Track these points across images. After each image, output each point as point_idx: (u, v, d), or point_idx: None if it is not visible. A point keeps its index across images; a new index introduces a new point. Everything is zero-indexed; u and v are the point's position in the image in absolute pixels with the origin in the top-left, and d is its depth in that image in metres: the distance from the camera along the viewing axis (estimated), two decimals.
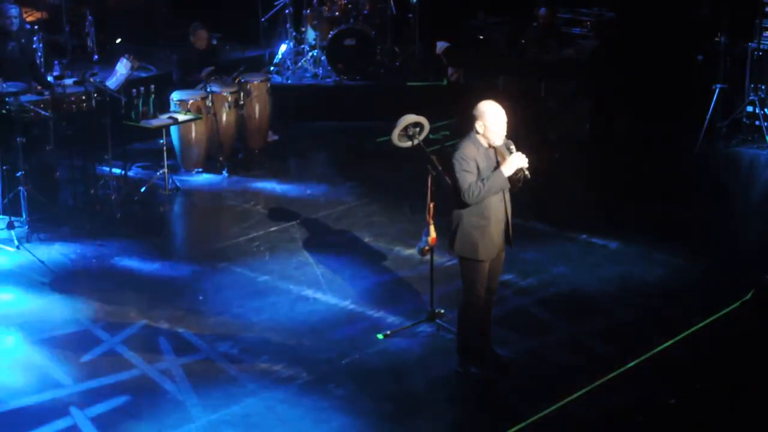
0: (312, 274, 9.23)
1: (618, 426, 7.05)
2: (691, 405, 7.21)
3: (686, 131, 12.75)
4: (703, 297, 8.78)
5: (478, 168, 7.07)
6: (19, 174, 9.83)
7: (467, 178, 7.04)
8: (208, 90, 11.74)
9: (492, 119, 7.07)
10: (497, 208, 7.22)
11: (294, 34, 14.41)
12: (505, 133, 7.13)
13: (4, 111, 9.89)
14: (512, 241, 7.42)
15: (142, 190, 10.98)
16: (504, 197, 7.25)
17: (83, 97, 10.36)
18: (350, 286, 9.00)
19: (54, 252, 9.62)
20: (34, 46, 12.16)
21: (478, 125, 7.10)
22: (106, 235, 10.06)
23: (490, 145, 7.15)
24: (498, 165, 7.12)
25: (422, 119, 8.02)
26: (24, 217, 9.90)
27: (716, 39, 12.99)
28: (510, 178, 7.11)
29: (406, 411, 7.17)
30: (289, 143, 12.88)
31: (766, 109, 12.65)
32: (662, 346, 7.92)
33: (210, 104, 11.66)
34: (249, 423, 6.99)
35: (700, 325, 8.23)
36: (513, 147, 7.14)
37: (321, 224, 10.39)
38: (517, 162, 7.06)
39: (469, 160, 7.05)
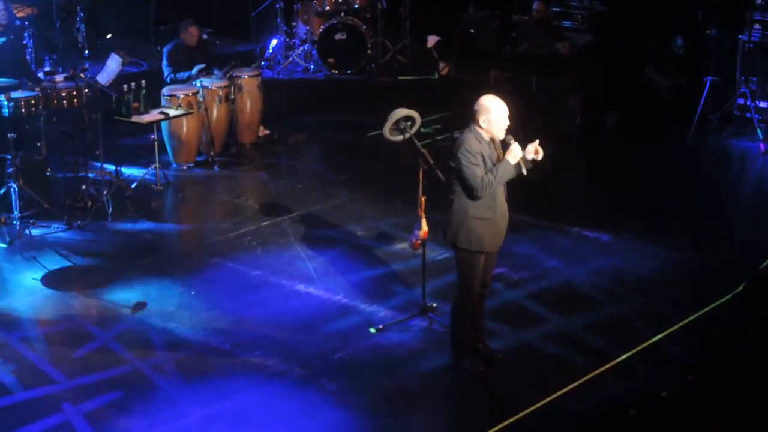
0: (304, 269, 9.22)
1: (610, 419, 7.05)
2: (684, 398, 7.22)
3: (678, 124, 12.77)
4: (696, 289, 8.79)
5: (484, 161, 7.09)
6: (10, 170, 9.81)
7: (477, 171, 7.03)
8: (199, 85, 11.73)
9: (496, 114, 7.08)
10: (502, 200, 7.25)
11: (285, 28, 14.40)
12: (507, 126, 7.16)
13: None
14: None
15: (134, 185, 10.96)
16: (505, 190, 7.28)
17: (74, 93, 10.31)
18: (342, 280, 9.00)
19: (45, 248, 9.60)
20: (24, 41, 12.12)
21: (482, 120, 7.10)
22: (98, 231, 10.05)
23: (491, 139, 7.17)
24: (499, 157, 7.14)
25: (413, 113, 8.01)
26: (15, 213, 9.88)
27: (707, 31, 13.01)
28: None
29: (398, 405, 7.17)
30: (280, 138, 12.86)
31: (757, 101, 12.67)
32: (654, 339, 7.94)
33: (201, 99, 11.65)
34: (241, 418, 6.98)
35: (693, 317, 8.25)
36: (512, 139, 7.16)
37: (313, 219, 10.38)
38: (518, 152, 7.10)
39: (475, 154, 7.05)
